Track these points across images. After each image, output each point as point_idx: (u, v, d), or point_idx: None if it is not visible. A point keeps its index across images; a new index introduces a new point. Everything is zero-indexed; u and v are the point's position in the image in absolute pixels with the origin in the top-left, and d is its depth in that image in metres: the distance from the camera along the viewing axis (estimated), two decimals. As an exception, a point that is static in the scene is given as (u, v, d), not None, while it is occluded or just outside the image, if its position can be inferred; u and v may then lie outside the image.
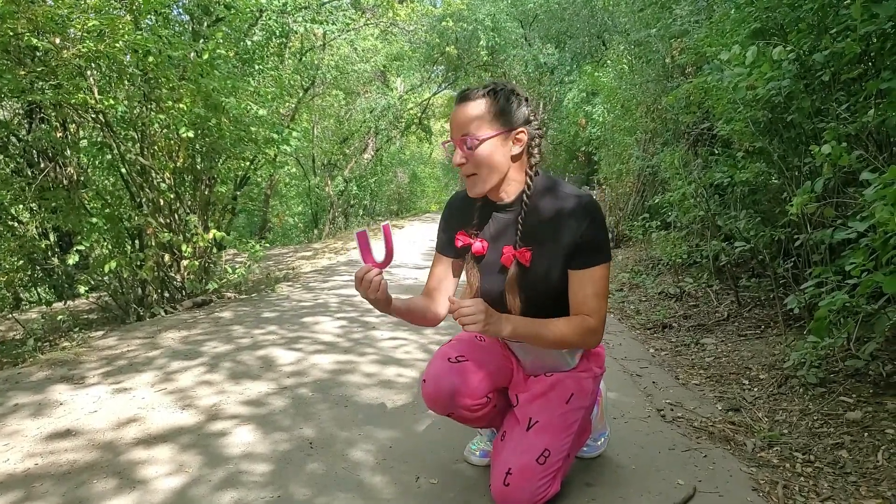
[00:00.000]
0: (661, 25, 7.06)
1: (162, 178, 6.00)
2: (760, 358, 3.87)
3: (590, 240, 1.82)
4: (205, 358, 3.91)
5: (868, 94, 3.10)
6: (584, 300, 1.83)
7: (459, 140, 1.81)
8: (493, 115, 1.80)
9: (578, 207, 1.83)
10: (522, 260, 1.86)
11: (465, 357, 1.96)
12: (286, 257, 11.32)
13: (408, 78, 19.80)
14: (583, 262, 1.83)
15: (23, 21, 4.87)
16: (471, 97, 1.82)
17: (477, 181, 1.84)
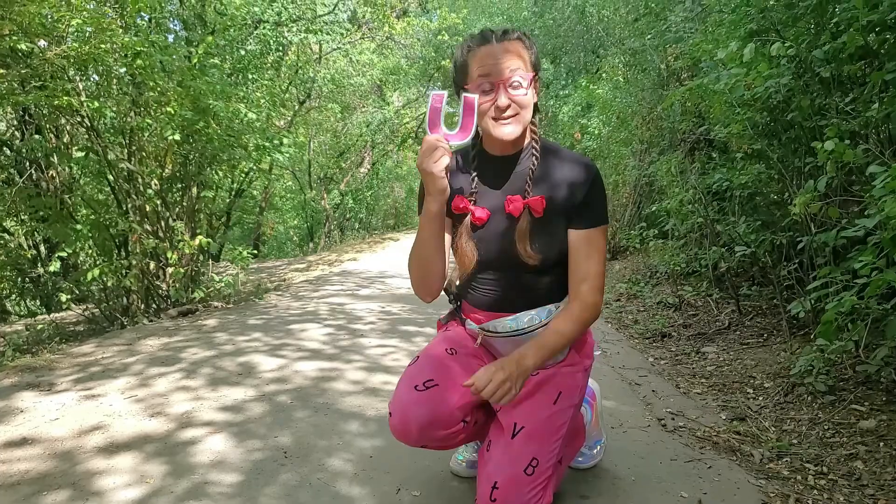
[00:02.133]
0: (655, 33, 6.98)
1: (149, 184, 5.85)
2: (764, 366, 3.70)
3: (594, 199, 1.73)
4: (183, 364, 3.73)
5: (872, 86, 2.97)
6: (587, 262, 1.73)
7: (507, 79, 1.64)
8: (528, 57, 1.69)
9: (583, 165, 1.74)
10: (536, 208, 1.72)
11: (435, 381, 1.72)
12: (279, 269, 11.15)
13: (404, 92, 19.75)
14: (587, 222, 1.73)
15: (7, 23, 4.76)
16: (511, 36, 1.68)
17: (515, 123, 1.68)
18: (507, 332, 1.81)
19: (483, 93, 1.65)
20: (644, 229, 7.68)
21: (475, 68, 1.66)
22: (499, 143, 1.74)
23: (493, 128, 1.68)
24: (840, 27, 3.19)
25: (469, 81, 1.68)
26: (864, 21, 2.81)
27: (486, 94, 1.65)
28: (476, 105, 1.60)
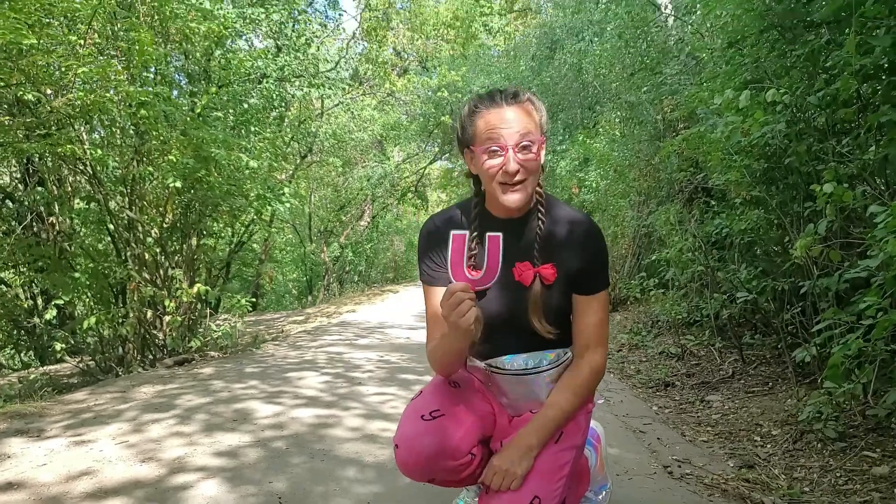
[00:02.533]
0: (651, 86, 7.12)
1: (149, 233, 5.86)
2: (771, 414, 3.63)
3: (599, 265, 1.73)
4: (177, 410, 3.65)
5: (869, 129, 2.99)
6: (592, 328, 1.72)
7: (516, 143, 1.59)
8: (539, 120, 1.65)
9: (588, 228, 1.72)
10: (548, 276, 1.68)
11: (441, 411, 1.67)
12: (277, 322, 11.08)
13: (404, 147, 20.06)
14: (591, 287, 1.72)
15: (15, 73, 4.85)
16: (521, 98, 1.64)
17: (524, 190, 1.63)
18: (514, 370, 1.77)
19: (490, 155, 1.60)
20: (644, 279, 7.67)
21: (483, 130, 1.61)
22: (504, 207, 1.68)
23: (500, 194, 1.63)
24: (834, 72, 3.24)
25: (476, 143, 1.63)
26: (857, 66, 2.86)
27: (494, 157, 1.59)
28: (501, 245, 1.60)
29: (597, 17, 11.69)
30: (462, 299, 1.48)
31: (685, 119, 6.68)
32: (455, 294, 1.48)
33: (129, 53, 5.34)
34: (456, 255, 1.60)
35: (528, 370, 1.76)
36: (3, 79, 4.81)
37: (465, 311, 1.48)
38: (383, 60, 16.46)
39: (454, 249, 1.61)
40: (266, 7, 8.67)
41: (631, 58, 8.78)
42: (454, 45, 19.82)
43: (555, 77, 17.07)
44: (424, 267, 1.79)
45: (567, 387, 1.71)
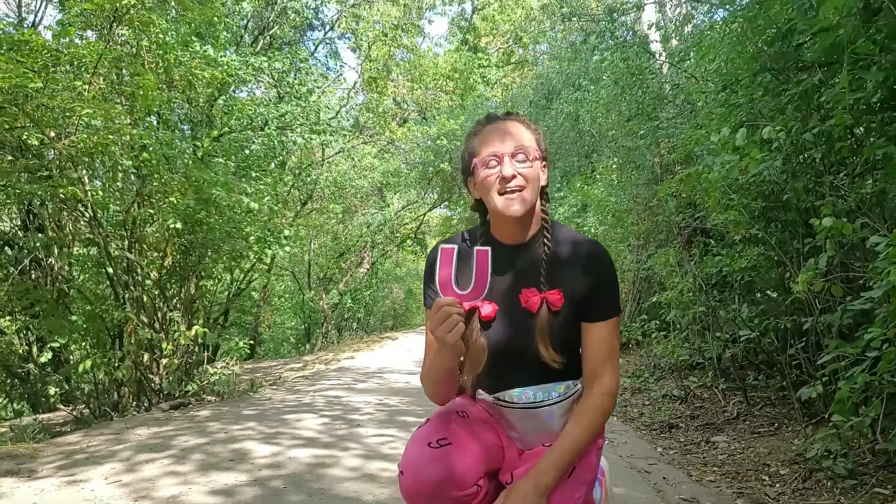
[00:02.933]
0: (647, 129, 7.22)
1: (148, 275, 5.85)
2: (778, 454, 3.56)
3: (606, 289, 1.66)
4: (173, 450, 3.58)
5: (865, 162, 3.03)
6: (600, 353, 1.65)
7: (514, 152, 1.62)
8: (535, 138, 1.68)
9: (595, 253, 1.67)
10: (555, 303, 1.64)
11: (448, 439, 1.61)
12: (275, 369, 10.95)
13: (404, 194, 20.24)
14: (599, 314, 1.65)
15: (20, 117, 4.92)
16: (514, 116, 1.70)
17: (523, 199, 1.62)
18: (523, 404, 1.73)
19: (489, 168, 1.62)
20: (645, 322, 7.63)
21: (481, 147, 1.66)
22: (509, 227, 1.68)
23: (499, 203, 1.62)
24: (828, 107, 3.30)
25: (474, 160, 1.66)
26: (851, 101, 2.91)
27: (492, 167, 1.62)
28: (490, 258, 1.55)
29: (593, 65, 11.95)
30: (449, 314, 1.46)
31: (682, 161, 6.75)
32: (442, 309, 1.47)
33: (133, 98, 5.43)
34: (443, 270, 1.58)
35: (536, 403, 1.70)
36: (9, 122, 4.88)
37: (452, 326, 1.47)
38: (383, 110, 16.77)
39: (442, 264, 1.58)
40: (269, 56, 8.87)
41: (627, 104, 8.94)
42: (452, 97, 20.22)
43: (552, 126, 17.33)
44: (428, 291, 1.77)
45: (580, 417, 1.64)
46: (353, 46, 18.20)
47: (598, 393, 1.65)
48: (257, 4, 11.40)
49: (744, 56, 4.45)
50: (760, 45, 4.31)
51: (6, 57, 4.55)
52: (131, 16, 5.41)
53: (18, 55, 4.61)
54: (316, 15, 15.45)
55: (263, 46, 12.24)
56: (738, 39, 4.68)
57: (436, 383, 1.71)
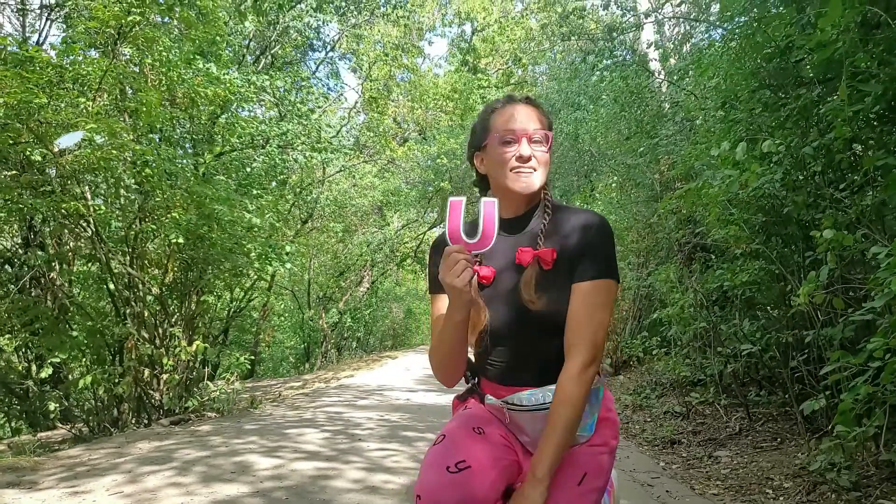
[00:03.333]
0: (647, 146, 7.28)
1: (149, 290, 5.85)
2: (782, 468, 3.55)
3: (599, 248, 1.63)
4: (175, 463, 3.57)
5: (865, 173, 3.06)
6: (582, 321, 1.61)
7: (531, 134, 1.67)
8: (547, 123, 1.73)
9: (593, 217, 1.68)
10: (546, 258, 1.65)
11: (467, 462, 1.57)
12: (274, 387, 10.90)
13: (404, 213, 20.28)
14: (590, 273, 1.62)
15: (24, 132, 4.96)
16: (534, 102, 1.75)
17: (536, 177, 1.68)
18: (532, 405, 1.72)
19: (505, 144, 1.67)
20: (646, 339, 7.62)
21: (500, 123, 1.70)
22: (513, 200, 1.71)
23: (511, 180, 1.67)
24: (828, 119, 3.33)
25: (490, 135, 1.70)
26: (850, 113, 2.94)
27: (509, 145, 1.67)
28: (497, 209, 1.56)
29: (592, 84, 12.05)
30: (457, 259, 1.50)
31: (682, 178, 6.80)
32: (451, 255, 1.50)
33: (136, 115, 5.47)
34: (453, 222, 1.59)
35: (544, 405, 1.69)
36: (12, 137, 4.92)
37: (461, 271, 1.49)
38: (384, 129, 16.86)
39: (452, 215, 1.60)
40: (270, 75, 8.95)
41: (626, 122, 9.01)
42: (452, 116, 20.34)
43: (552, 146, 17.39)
44: (432, 279, 1.77)
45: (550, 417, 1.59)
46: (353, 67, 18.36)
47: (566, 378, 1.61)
48: (259, 24, 11.52)
49: (742, 73, 4.50)
50: (759, 61, 4.36)
51: (12, 73, 4.61)
52: (135, 33, 5.47)
53: (24, 72, 4.66)
54: (318, 35, 15.61)
55: (265, 65, 12.33)
56: (737, 56, 4.74)
57: (444, 357, 1.71)
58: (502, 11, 24.07)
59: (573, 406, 1.59)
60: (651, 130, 7.63)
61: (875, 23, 3.17)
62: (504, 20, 23.60)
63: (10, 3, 8.75)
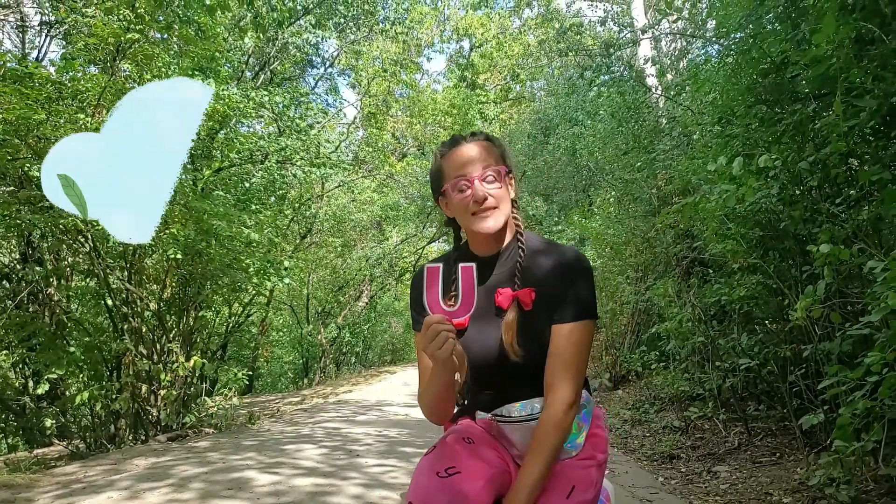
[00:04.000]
0: (644, 161, 7.31)
1: (147, 306, 5.85)
2: (781, 483, 3.55)
3: (579, 289, 1.64)
4: (172, 479, 3.55)
5: (861, 188, 3.08)
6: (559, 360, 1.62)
7: (482, 174, 1.66)
8: (498, 154, 1.72)
9: (570, 256, 1.68)
10: (525, 300, 1.64)
11: (456, 468, 1.57)
12: (273, 402, 10.86)
13: (403, 228, 20.29)
14: (566, 315, 1.63)
15: (23, 148, 4.97)
16: (479, 136, 1.73)
17: (496, 216, 1.66)
18: (520, 417, 1.73)
19: (460, 192, 1.66)
20: (644, 353, 7.61)
21: (450, 169, 1.69)
22: (483, 241, 1.71)
23: (473, 224, 1.66)
24: (823, 133, 3.36)
25: (445, 183, 1.70)
26: (845, 128, 2.97)
27: (464, 191, 1.66)
28: (475, 274, 1.56)
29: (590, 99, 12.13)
30: (438, 330, 1.49)
31: (679, 193, 6.82)
32: (431, 326, 1.49)
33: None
34: (431, 289, 1.60)
35: (532, 416, 1.70)
36: (11, 153, 4.94)
37: (443, 342, 1.49)
38: (382, 145, 16.93)
39: (429, 283, 1.60)
40: (269, 91, 9.00)
41: (624, 138, 9.05)
42: (451, 132, 20.42)
43: (549, 161, 17.49)
44: (413, 315, 1.79)
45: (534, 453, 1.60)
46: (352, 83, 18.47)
47: (548, 417, 1.61)
48: (258, 40, 11.60)
49: (739, 88, 4.53)
50: (755, 77, 4.40)
51: (10, 90, 4.63)
52: (134, 50, 5.51)
53: (22, 87, 4.68)
54: (317, 51, 15.72)
55: (264, 81, 12.42)
56: (733, 72, 4.77)
57: (432, 402, 1.72)
58: (500, 28, 24.25)
59: (552, 448, 1.60)
60: (648, 145, 7.67)
61: (870, 38, 3.21)
62: (502, 36, 23.77)
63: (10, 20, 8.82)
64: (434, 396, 1.69)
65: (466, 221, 1.68)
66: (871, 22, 3.06)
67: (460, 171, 1.67)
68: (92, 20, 5.33)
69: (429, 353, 1.52)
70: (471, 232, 1.70)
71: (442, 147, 1.75)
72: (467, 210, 1.65)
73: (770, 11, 4.43)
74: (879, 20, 3.09)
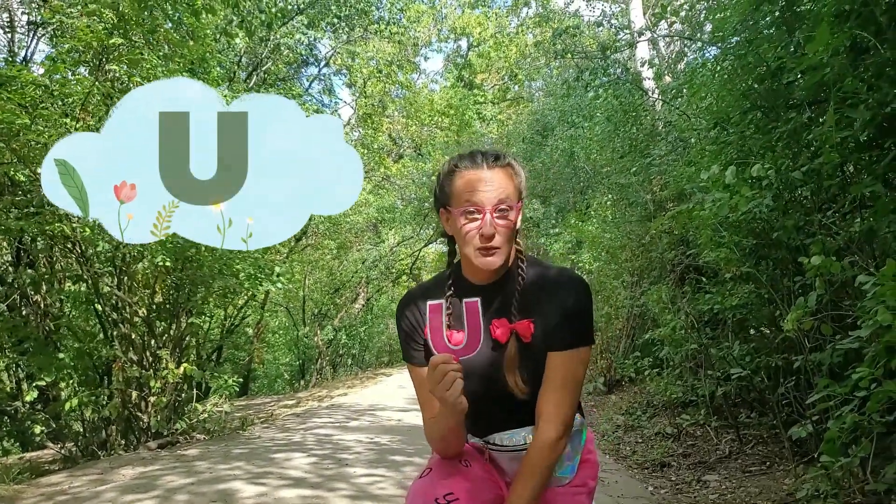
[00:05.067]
0: (639, 167, 7.29)
1: (136, 312, 5.81)
2: (769, 493, 3.53)
3: (572, 318, 1.57)
4: (158, 491, 3.53)
5: (853, 200, 3.06)
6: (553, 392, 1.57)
7: (495, 207, 1.54)
8: (517, 185, 1.61)
9: (571, 283, 1.61)
10: (524, 333, 1.58)
11: (455, 495, 1.56)
12: (268, 405, 10.84)
13: (399, 230, 20.25)
14: (566, 342, 1.57)
15: (7, 153, 4.92)
16: (502, 161, 1.60)
17: (500, 254, 1.56)
18: (513, 446, 1.69)
19: (468, 218, 1.55)
20: (638, 359, 7.59)
21: (462, 190, 1.57)
22: (481, 272, 1.62)
23: (475, 258, 1.57)
24: (817, 144, 3.33)
25: (454, 203, 1.58)
26: (838, 139, 2.94)
27: (472, 219, 1.55)
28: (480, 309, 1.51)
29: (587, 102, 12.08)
30: (446, 371, 1.42)
31: (674, 199, 6.80)
32: (438, 367, 1.42)
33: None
34: (435, 326, 1.54)
35: (523, 447, 1.66)
36: (-3, 159, 4.90)
37: (451, 383, 1.42)
38: (378, 146, 16.89)
39: (432, 320, 1.54)
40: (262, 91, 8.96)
41: (620, 141, 9.01)
42: (448, 133, 20.40)
43: (547, 162, 17.48)
44: (405, 346, 1.70)
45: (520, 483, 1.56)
46: (348, 83, 18.41)
47: (538, 446, 1.57)
48: (249, 42, 11.51)
49: (734, 94, 4.50)
50: (750, 82, 4.36)
51: (-5, 93, 4.57)
52: (120, 53, 5.44)
53: (7, 91, 4.63)
54: (311, 52, 15.66)
55: (257, 82, 12.35)
56: (729, 77, 4.73)
57: (442, 444, 1.65)
58: (498, 27, 24.23)
59: (542, 476, 1.57)
60: (644, 149, 7.64)
61: (864, 47, 3.18)
62: (500, 35, 23.74)
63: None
64: (443, 437, 1.62)
65: (468, 251, 1.58)
66: (866, 30, 3.02)
67: (473, 199, 1.55)
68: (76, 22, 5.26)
69: (437, 396, 1.45)
70: (469, 261, 1.61)
71: (459, 160, 1.62)
72: (472, 241, 1.55)
73: (767, 16, 4.38)
74: (875, 28, 3.06)
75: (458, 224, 1.57)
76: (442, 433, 1.60)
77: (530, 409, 1.62)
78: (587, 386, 8.81)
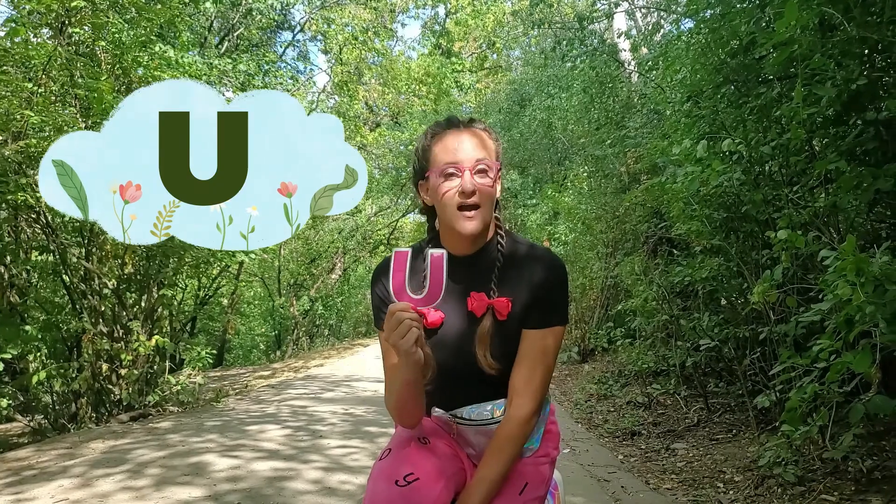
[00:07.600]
0: (615, 139, 7.30)
1: (105, 284, 5.72)
2: (734, 461, 3.62)
3: (553, 297, 1.59)
4: (129, 465, 3.51)
5: (818, 176, 3.09)
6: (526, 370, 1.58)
7: (474, 166, 1.54)
8: (494, 149, 1.60)
9: (549, 265, 1.61)
10: (501, 310, 1.58)
11: (415, 474, 1.53)
12: (243, 377, 10.82)
13: (376, 200, 20.14)
14: (541, 321, 1.58)
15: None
16: (477, 126, 1.61)
17: (479, 217, 1.55)
18: (481, 420, 1.70)
19: (447, 178, 1.53)
20: (611, 329, 7.69)
21: (440, 153, 1.56)
22: (459, 241, 1.60)
23: (455, 220, 1.55)
24: (784, 121, 3.36)
25: (432, 167, 1.56)
26: (805, 116, 2.96)
27: (451, 179, 1.53)
28: (445, 263, 1.47)
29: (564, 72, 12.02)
30: (402, 318, 1.41)
31: (648, 171, 6.83)
32: (395, 314, 1.41)
33: (89, 101, 5.28)
34: (397, 275, 1.53)
35: (490, 420, 1.67)
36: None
37: (405, 332, 1.41)
38: (354, 114, 16.68)
39: (395, 269, 1.53)
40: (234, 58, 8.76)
41: (597, 112, 9.02)
42: (426, 101, 20.21)
43: (525, 133, 17.41)
44: (377, 313, 1.67)
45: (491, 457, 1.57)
46: (324, 49, 18.11)
47: (511, 421, 1.58)
48: (220, 6, 11.21)
49: (707, 68, 4.50)
50: (723, 56, 4.36)
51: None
52: (83, 16, 5.26)
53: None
54: (284, 17, 15.35)
55: (230, 48, 12.10)
56: (703, 51, 4.72)
57: (400, 408, 1.62)
58: (476, -7, 23.88)
59: (513, 450, 1.58)
60: (620, 122, 7.65)
61: (832, 25, 3.19)
62: (478, 3, 23.42)
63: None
64: (399, 397, 1.59)
65: (447, 216, 1.57)
66: (834, 8, 3.03)
67: (452, 158, 1.54)
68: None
69: (392, 343, 1.43)
70: (449, 228, 1.59)
71: (435, 127, 1.61)
72: (451, 201, 1.54)
73: (739, -11, 4.37)
74: (843, 6, 3.07)
75: (437, 187, 1.56)
76: (399, 392, 1.57)
77: (498, 383, 1.62)
78: (561, 355, 8.91)
